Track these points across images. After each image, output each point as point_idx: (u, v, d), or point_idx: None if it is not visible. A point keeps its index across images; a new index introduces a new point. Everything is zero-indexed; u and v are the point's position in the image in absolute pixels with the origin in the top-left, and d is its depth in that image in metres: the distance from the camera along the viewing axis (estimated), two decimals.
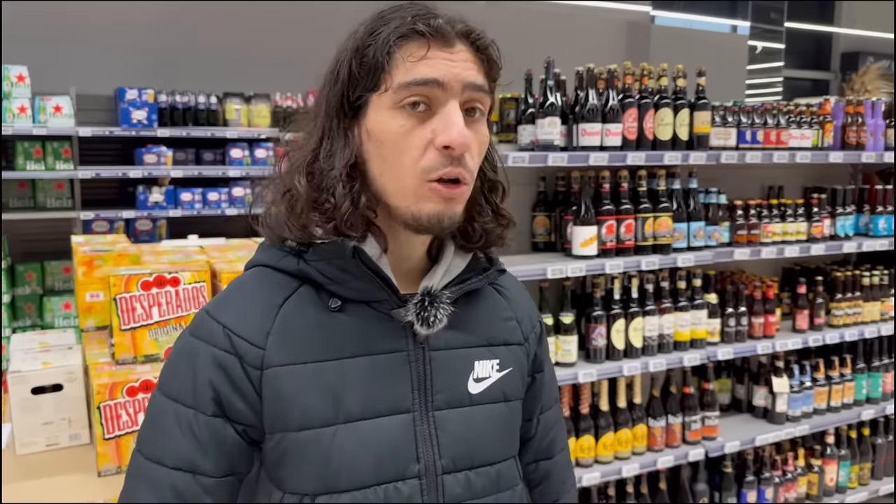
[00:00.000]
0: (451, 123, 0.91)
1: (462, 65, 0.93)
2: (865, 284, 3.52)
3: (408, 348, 0.99)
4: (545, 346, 1.20)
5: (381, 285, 0.97)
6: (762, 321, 3.22)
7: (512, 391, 1.08)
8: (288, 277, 0.98)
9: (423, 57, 0.91)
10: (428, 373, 1.00)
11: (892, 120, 3.56)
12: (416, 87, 0.91)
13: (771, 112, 3.21)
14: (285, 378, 0.94)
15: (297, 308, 0.97)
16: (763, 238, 3.21)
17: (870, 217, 3.53)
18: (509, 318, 1.12)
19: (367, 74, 0.93)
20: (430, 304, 0.98)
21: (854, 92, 8.70)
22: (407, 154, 0.92)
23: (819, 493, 3.48)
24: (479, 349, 1.05)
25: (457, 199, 0.95)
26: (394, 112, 0.92)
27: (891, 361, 3.65)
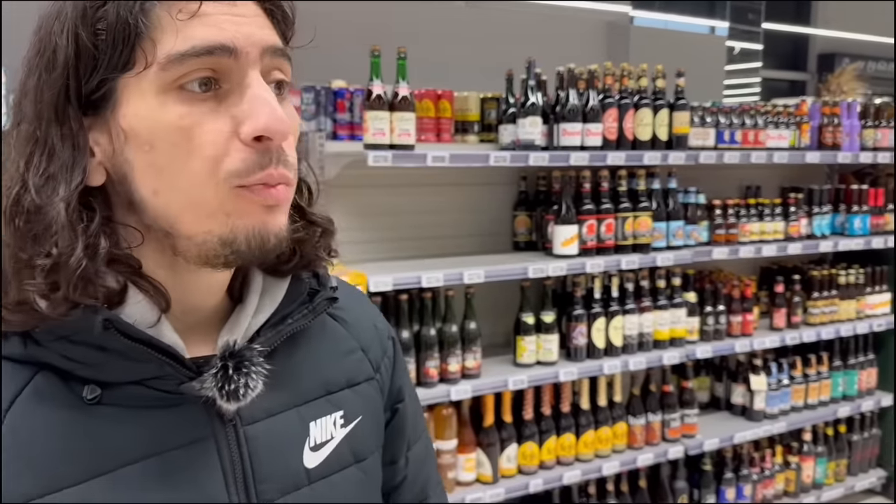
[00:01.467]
0: (262, 102, 0.64)
1: (253, 20, 0.66)
2: (842, 283, 3.56)
3: (214, 433, 0.70)
4: (402, 368, 0.92)
5: (156, 357, 0.66)
6: (740, 320, 3.25)
7: (365, 446, 0.82)
8: (14, 365, 0.65)
9: (195, 13, 0.63)
10: (245, 458, 0.72)
11: (867, 121, 3.60)
12: (196, 58, 0.62)
13: (749, 112, 3.24)
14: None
15: (32, 411, 0.64)
16: (741, 237, 3.24)
17: (846, 216, 3.57)
18: (352, 349, 0.85)
19: (111, 47, 0.62)
20: (237, 368, 0.69)
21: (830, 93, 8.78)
22: (199, 155, 0.63)
23: (796, 489, 3.52)
24: (315, 404, 0.78)
25: (281, 204, 0.68)
26: (166, 97, 0.63)
27: (867, 359, 3.71)
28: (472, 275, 2.55)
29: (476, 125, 2.89)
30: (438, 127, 2.79)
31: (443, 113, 2.80)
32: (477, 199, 2.97)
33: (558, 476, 2.80)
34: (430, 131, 2.76)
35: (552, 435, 2.81)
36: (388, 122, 2.37)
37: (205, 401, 0.69)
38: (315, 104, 2.72)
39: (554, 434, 2.82)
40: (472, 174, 2.91)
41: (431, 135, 2.77)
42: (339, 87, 2.84)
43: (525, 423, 2.78)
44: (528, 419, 2.78)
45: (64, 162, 0.64)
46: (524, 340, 2.76)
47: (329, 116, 2.70)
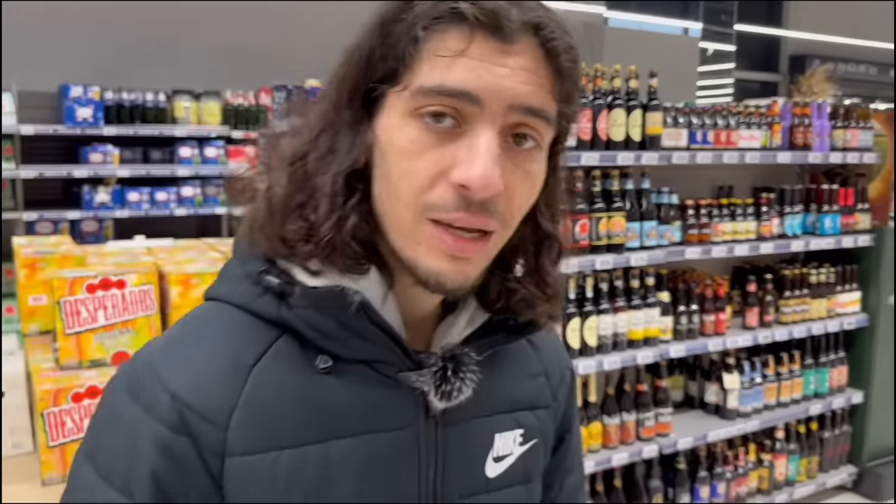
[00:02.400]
0: (477, 155, 0.64)
1: (516, 75, 0.65)
2: (813, 282, 3.60)
3: (417, 423, 0.75)
4: (574, 400, 0.95)
5: (388, 343, 0.72)
6: (713, 319, 3.27)
7: (534, 469, 0.85)
8: (262, 324, 0.72)
9: (460, 53, 0.64)
10: (440, 457, 0.76)
11: (837, 121, 3.65)
12: (438, 96, 0.65)
13: (721, 113, 3.26)
14: (253, 470, 0.69)
15: (273, 370, 0.70)
16: (714, 237, 3.26)
17: (817, 216, 3.62)
18: (537, 373, 0.87)
19: (386, 62, 0.67)
20: (455, 370, 0.73)
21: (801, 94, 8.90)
22: (410, 179, 0.66)
23: (769, 486, 3.55)
24: (502, 417, 0.81)
25: (472, 259, 0.69)
26: (409, 120, 0.67)
27: (837, 357, 3.75)
28: None
29: None
30: None
31: None
32: None
33: None
34: None
35: None
36: None
37: (416, 393, 0.74)
38: (287, 103, 2.69)
39: None
40: None
41: None
42: (312, 86, 2.81)
43: None
44: None
45: (345, 144, 0.70)
46: None
47: None
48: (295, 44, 6.29)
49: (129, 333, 1.92)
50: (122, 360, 1.90)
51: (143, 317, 1.93)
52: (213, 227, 5.63)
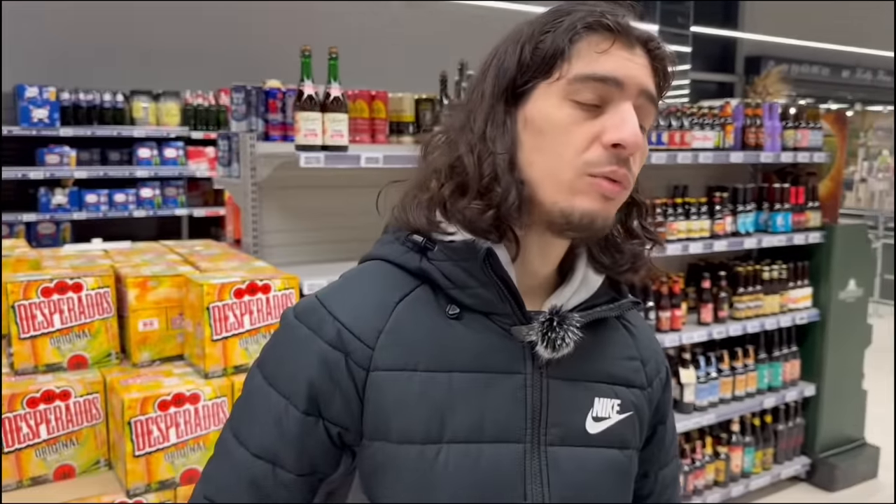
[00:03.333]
0: (625, 121, 0.83)
1: (642, 68, 0.86)
2: (766, 279, 3.70)
3: (525, 371, 0.88)
4: (669, 396, 1.07)
5: (506, 297, 0.87)
6: (669, 315, 3.34)
7: (631, 439, 0.95)
8: (406, 275, 0.90)
9: (606, 51, 0.84)
10: (545, 402, 0.88)
11: (788, 122, 3.75)
12: (594, 81, 0.84)
13: (675, 114, 3.33)
14: (391, 384, 0.85)
15: (411, 309, 0.88)
16: (669, 235, 3.33)
17: (769, 214, 3.71)
18: (633, 357, 0.99)
19: (542, 60, 0.85)
20: (559, 324, 0.87)
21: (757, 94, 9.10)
22: (569, 146, 0.84)
23: (726, 479, 3.63)
24: (602, 385, 0.93)
25: (615, 199, 0.86)
26: (563, 102, 0.84)
27: (790, 351, 3.85)
28: None
29: (411, 126, 2.90)
30: (373, 128, 2.79)
31: (377, 114, 2.80)
32: None
33: None
34: (364, 132, 2.75)
35: None
36: (321, 122, 2.36)
37: (526, 346, 0.88)
38: (246, 104, 2.68)
39: None
40: (406, 175, 2.91)
41: (366, 136, 2.76)
42: (271, 87, 2.81)
43: None
44: None
45: (500, 132, 0.87)
46: None
47: (260, 117, 2.67)
48: (255, 44, 6.25)
49: (86, 337, 1.90)
50: (78, 364, 1.89)
51: (99, 320, 1.92)
52: (173, 228, 5.57)
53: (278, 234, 2.68)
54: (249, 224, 2.62)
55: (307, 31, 2.99)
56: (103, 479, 1.82)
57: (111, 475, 1.84)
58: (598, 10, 0.86)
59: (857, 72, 13.94)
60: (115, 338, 1.96)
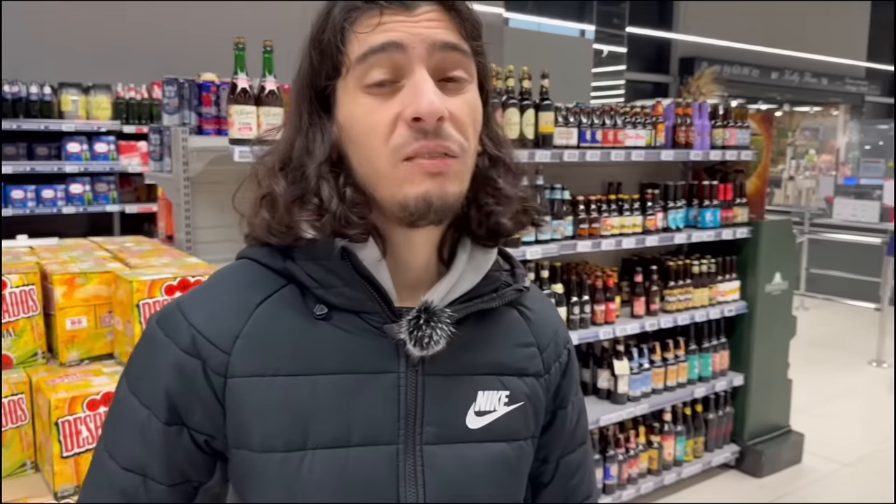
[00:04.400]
0: (420, 91, 0.78)
1: (427, 24, 0.80)
2: (695, 272, 3.81)
3: (398, 370, 0.85)
4: (572, 378, 1.02)
5: (372, 294, 0.84)
6: (604, 308, 3.42)
7: (520, 430, 0.92)
8: (272, 274, 0.86)
9: (376, 25, 0.80)
10: (419, 401, 0.85)
11: (717, 121, 3.87)
12: (372, 55, 0.80)
13: (609, 113, 3.41)
14: (250, 391, 0.82)
15: (275, 310, 0.84)
16: (603, 231, 3.41)
17: (698, 210, 3.83)
18: (528, 344, 0.95)
19: (327, 60, 0.83)
20: (427, 321, 0.83)
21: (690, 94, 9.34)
22: (376, 136, 0.80)
23: (659, 467, 3.74)
24: (487, 377, 0.90)
25: (446, 173, 0.80)
26: (358, 94, 0.82)
27: (719, 342, 3.98)
28: None
29: None
30: None
31: None
32: None
33: None
34: None
35: None
36: (255, 116, 2.34)
37: (398, 343, 0.84)
38: (178, 97, 2.64)
39: None
40: None
41: None
42: (206, 80, 2.77)
43: None
44: None
45: (318, 140, 0.85)
46: None
47: (193, 110, 2.63)
48: (189, 36, 6.12)
49: (10, 336, 1.85)
50: (4, 364, 1.84)
51: (24, 318, 1.86)
52: (104, 225, 5.42)
53: (212, 230, 2.65)
54: (182, 220, 2.58)
55: (243, 24, 2.95)
56: (30, 481, 1.77)
57: (38, 477, 1.79)
58: None
59: (785, 73, 14.46)
60: (42, 337, 1.91)
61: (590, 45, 10.17)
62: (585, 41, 10.20)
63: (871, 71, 16.33)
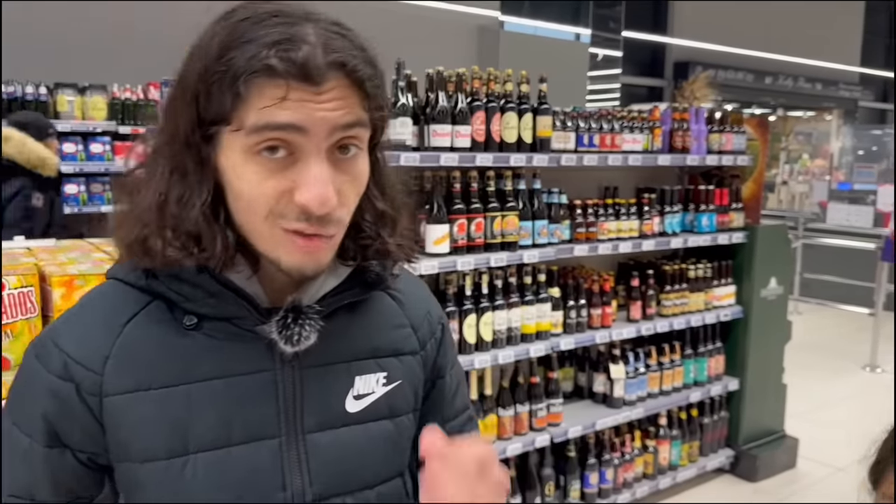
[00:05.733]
0: (312, 181, 0.79)
1: (331, 105, 0.79)
2: (691, 277, 3.82)
3: (274, 367, 0.89)
4: (448, 351, 1.09)
5: (239, 301, 0.87)
6: (600, 312, 3.42)
7: (401, 406, 0.99)
8: (138, 293, 0.89)
9: (281, 99, 0.77)
10: (298, 393, 0.90)
11: (713, 126, 3.89)
12: (270, 131, 0.78)
13: (606, 118, 3.42)
14: (126, 407, 0.85)
15: (143, 327, 0.87)
16: (600, 235, 3.41)
17: (694, 215, 3.84)
18: (402, 325, 1.02)
19: (217, 106, 0.79)
20: (294, 319, 0.87)
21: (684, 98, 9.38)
22: (261, 200, 0.81)
23: (654, 471, 3.74)
24: (363, 362, 0.96)
25: (321, 251, 0.84)
26: (247, 156, 0.80)
27: (715, 347, 3.99)
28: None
29: None
30: None
31: None
32: None
33: None
34: None
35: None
36: None
37: (270, 342, 0.88)
38: None
39: None
40: None
41: None
42: None
43: None
44: None
45: (196, 178, 0.83)
46: None
47: None
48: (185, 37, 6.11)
49: (9, 338, 1.84)
50: (3, 366, 1.83)
51: (23, 320, 1.86)
52: (99, 225, 5.40)
53: None
54: None
55: None
56: None
57: None
58: (267, 43, 0.77)
59: (779, 78, 14.51)
60: None
61: (585, 49, 10.19)
62: (581, 45, 10.22)
63: (864, 76, 16.40)
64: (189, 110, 0.81)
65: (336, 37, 0.81)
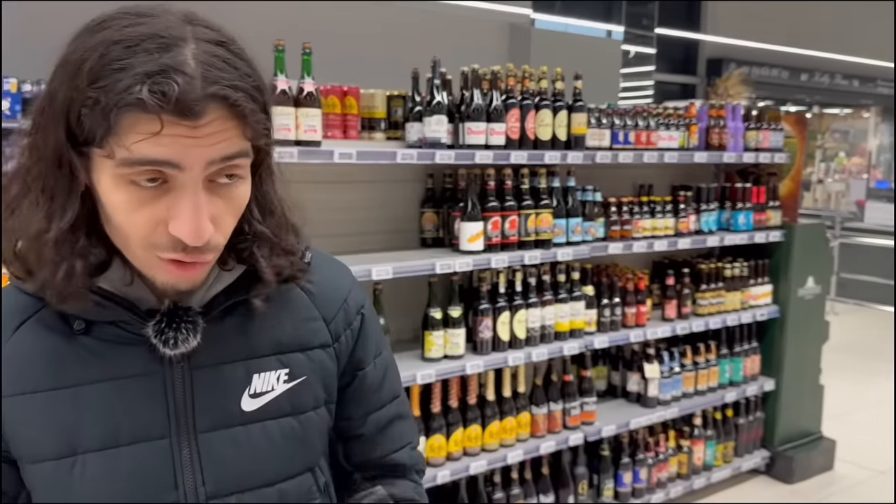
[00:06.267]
0: (187, 214, 0.77)
1: (209, 140, 0.75)
2: (727, 276, 3.78)
3: (162, 369, 0.88)
4: (368, 340, 1.05)
5: (116, 307, 0.86)
6: (634, 311, 3.40)
7: (306, 402, 0.96)
8: (30, 300, 0.89)
9: (153, 134, 0.73)
10: (188, 393, 0.89)
11: (750, 123, 3.84)
12: (141, 166, 0.75)
13: (642, 115, 3.39)
14: (15, 410, 0.87)
15: (34, 331, 0.88)
16: (635, 233, 3.39)
17: (731, 213, 3.80)
18: (312, 318, 0.99)
19: (87, 132, 0.75)
20: (169, 323, 0.86)
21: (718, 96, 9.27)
22: (133, 228, 0.79)
23: (688, 471, 3.71)
24: (262, 360, 0.93)
25: (196, 273, 0.84)
26: (118, 184, 0.77)
27: (751, 347, 3.95)
28: (380, 271, 2.58)
29: (383, 122, 2.91)
30: (345, 124, 2.80)
31: (349, 110, 2.81)
32: (384, 196, 2.99)
33: (465, 467, 2.87)
34: (336, 128, 2.76)
35: (459, 427, 2.88)
36: (294, 117, 2.36)
37: (154, 346, 0.87)
38: None
39: (461, 426, 2.88)
40: (378, 171, 2.93)
41: (338, 131, 2.77)
42: None
43: (433, 416, 2.83)
44: (435, 412, 2.83)
45: (61, 198, 0.80)
46: (432, 335, 2.81)
47: None
48: None
49: None
50: None
51: None
52: None
53: None
54: None
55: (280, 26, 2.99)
56: None
57: None
58: (140, 74, 0.72)
59: (815, 75, 14.28)
60: None
61: (618, 46, 10.12)
62: (613, 42, 10.16)
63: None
64: (58, 128, 0.77)
65: (216, 60, 0.76)
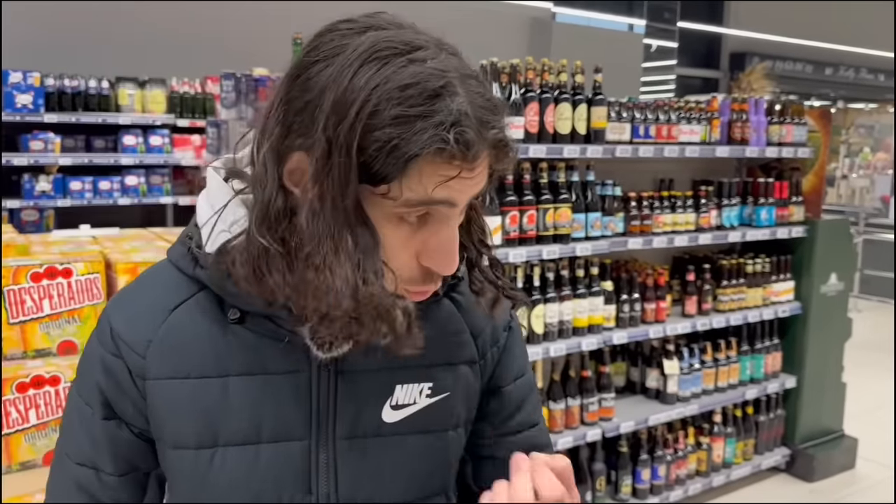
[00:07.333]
0: (447, 249, 0.80)
1: (478, 179, 0.78)
2: (749, 272, 3.74)
3: (310, 370, 0.87)
4: (512, 360, 1.01)
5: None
6: (654, 307, 3.37)
7: (446, 419, 0.93)
8: (189, 280, 0.88)
9: (447, 180, 0.75)
10: (332, 398, 0.88)
11: (773, 117, 3.79)
12: (424, 206, 0.77)
13: (662, 108, 3.36)
14: (164, 392, 0.86)
15: (189, 315, 0.87)
16: (655, 228, 3.36)
17: (753, 208, 3.75)
18: (460, 331, 0.95)
19: (372, 169, 0.73)
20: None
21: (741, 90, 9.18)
22: (393, 261, 0.79)
23: (707, 469, 3.68)
24: (409, 370, 0.90)
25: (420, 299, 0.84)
26: (389, 220, 0.77)
27: (772, 343, 3.90)
28: None
29: None
30: None
31: None
32: None
33: None
34: None
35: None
36: None
37: (306, 346, 0.85)
38: (235, 92, 2.68)
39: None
40: None
41: None
42: (260, 74, 2.81)
43: None
44: None
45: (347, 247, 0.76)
46: None
47: (250, 105, 2.67)
48: (242, 31, 6.21)
49: (76, 323, 1.90)
50: (67, 350, 1.89)
51: (89, 306, 1.92)
52: (158, 216, 5.54)
53: None
54: None
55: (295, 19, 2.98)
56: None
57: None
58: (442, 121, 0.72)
59: (839, 69, 14.08)
60: None
61: (639, 40, 10.05)
62: (635, 36, 10.08)
63: None
64: (345, 169, 0.73)
65: (480, 99, 0.76)
